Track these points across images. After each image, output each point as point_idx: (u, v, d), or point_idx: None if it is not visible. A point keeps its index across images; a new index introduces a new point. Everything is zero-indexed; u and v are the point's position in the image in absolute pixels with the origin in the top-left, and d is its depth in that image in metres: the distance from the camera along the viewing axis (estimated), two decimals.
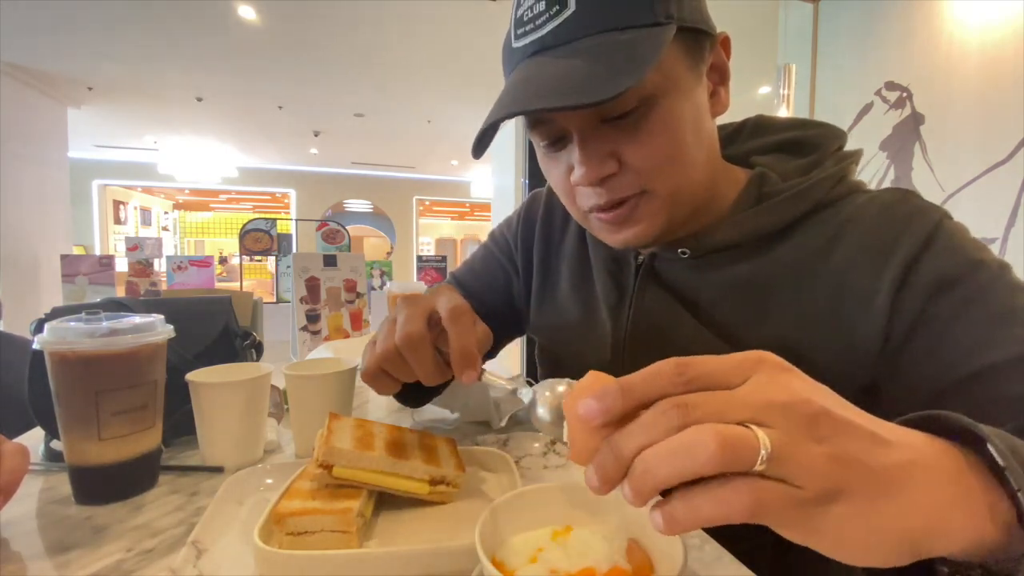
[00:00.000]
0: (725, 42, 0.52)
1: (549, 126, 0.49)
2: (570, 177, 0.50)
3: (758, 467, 0.22)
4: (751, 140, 0.60)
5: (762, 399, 0.24)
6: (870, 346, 0.46)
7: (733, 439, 0.22)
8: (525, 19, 0.46)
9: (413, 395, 0.62)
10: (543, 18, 0.45)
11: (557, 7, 0.44)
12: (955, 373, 0.42)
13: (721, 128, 0.63)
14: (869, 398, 0.47)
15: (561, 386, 0.36)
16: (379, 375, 0.49)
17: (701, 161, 0.51)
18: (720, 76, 0.52)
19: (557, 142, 0.51)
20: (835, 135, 0.55)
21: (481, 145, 0.48)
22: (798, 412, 0.24)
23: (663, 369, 0.26)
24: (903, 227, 0.46)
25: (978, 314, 0.42)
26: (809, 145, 0.56)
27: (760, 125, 0.61)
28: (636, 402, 0.26)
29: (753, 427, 0.23)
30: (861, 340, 0.46)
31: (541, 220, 0.73)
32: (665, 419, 0.24)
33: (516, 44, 0.48)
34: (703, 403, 0.24)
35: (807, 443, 0.23)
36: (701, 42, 0.48)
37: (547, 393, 0.36)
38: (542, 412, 0.35)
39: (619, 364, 0.59)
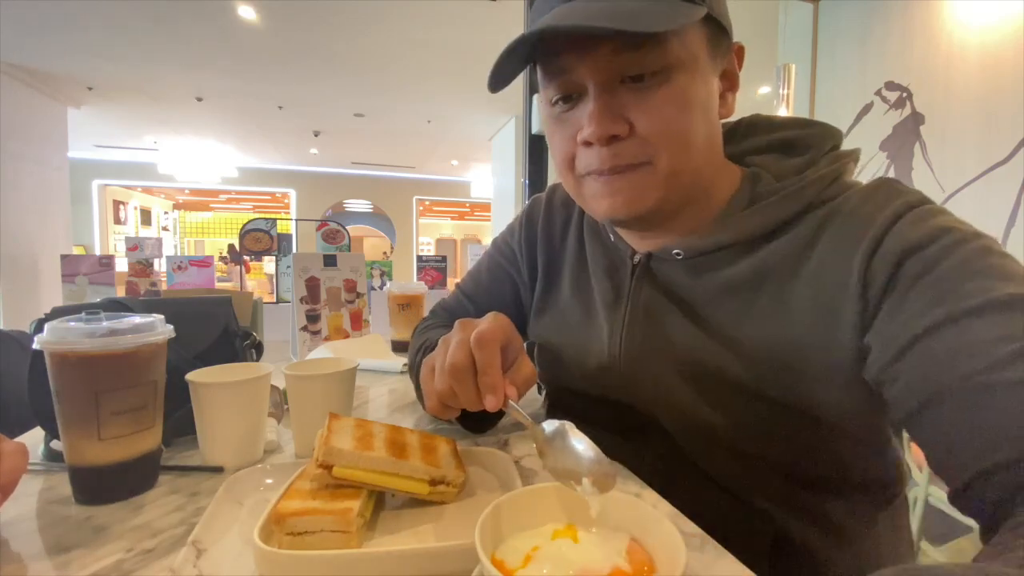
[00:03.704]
0: (739, 51, 0.55)
1: (568, 78, 0.50)
2: (577, 136, 0.51)
3: None
4: (746, 139, 0.61)
5: None
6: (854, 331, 0.46)
7: None
8: None
9: (475, 422, 0.63)
10: None
11: None
12: (920, 326, 0.40)
13: None
14: (863, 388, 0.47)
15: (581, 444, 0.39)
16: (444, 409, 0.52)
17: (703, 148, 0.51)
18: (730, 83, 0.55)
19: (570, 99, 0.52)
20: (829, 134, 0.55)
21: (502, 73, 0.51)
22: None
23: None
24: (877, 209, 0.47)
25: (944, 271, 0.41)
26: (803, 144, 0.56)
27: (754, 124, 0.61)
28: None
29: None
30: (846, 326, 0.46)
31: (542, 225, 0.73)
32: None
33: None
34: None
35: None
36: (721, 39, 0.51)
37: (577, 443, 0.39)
38: (580, 447, 0.39)
39: (615, 364, 0.59)
